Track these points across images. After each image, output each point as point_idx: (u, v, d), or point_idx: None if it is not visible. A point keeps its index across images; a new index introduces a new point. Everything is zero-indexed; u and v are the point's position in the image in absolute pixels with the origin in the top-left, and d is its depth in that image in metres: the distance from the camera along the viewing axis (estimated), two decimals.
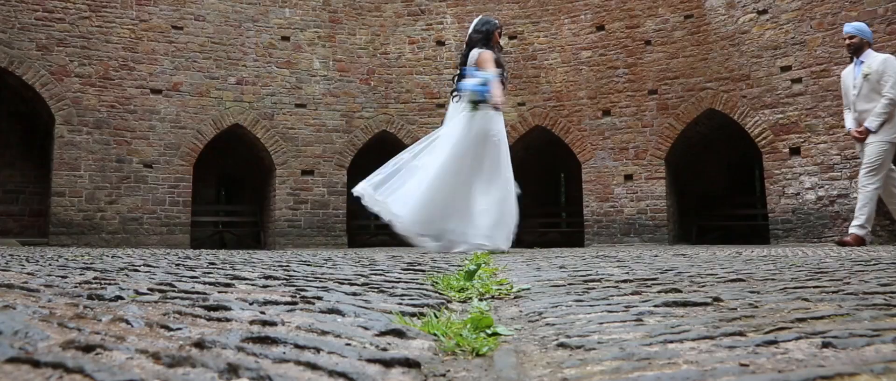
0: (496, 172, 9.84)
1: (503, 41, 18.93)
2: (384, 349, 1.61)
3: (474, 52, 10.18)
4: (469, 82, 9.85)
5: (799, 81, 15.21)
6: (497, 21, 10.66)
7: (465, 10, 19.55)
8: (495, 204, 9.73)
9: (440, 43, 19.64)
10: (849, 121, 11.59)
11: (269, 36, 18.97)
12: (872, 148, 11.02)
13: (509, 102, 18.92)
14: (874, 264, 4.17)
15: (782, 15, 15.54)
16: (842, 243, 10.97)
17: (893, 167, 11.25)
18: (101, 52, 17.32)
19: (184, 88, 18.04)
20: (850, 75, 11.46)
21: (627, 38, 18.15)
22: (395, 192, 9.83)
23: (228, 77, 18.45)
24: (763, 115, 15.83)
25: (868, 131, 10.90)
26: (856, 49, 11.38)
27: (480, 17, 10.87)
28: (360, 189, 10.02)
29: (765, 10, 15.86)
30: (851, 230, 11.18)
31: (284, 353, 1.48)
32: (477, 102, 9.79)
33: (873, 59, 11.12)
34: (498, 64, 10.22)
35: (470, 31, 10.57)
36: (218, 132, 18.33)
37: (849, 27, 11.57)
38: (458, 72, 10.45)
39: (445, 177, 9.69)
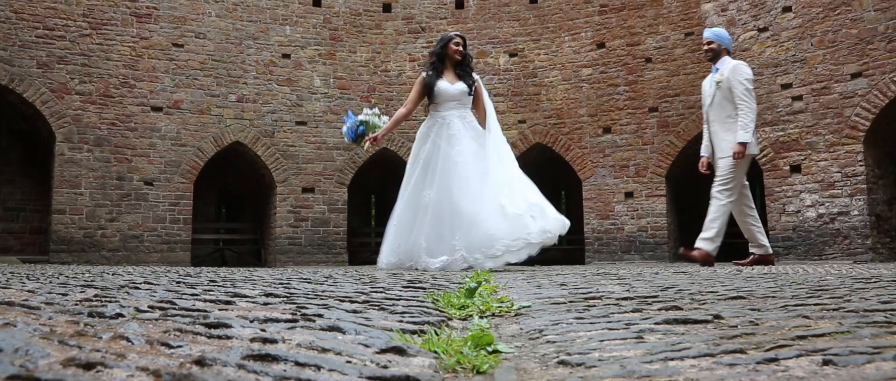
0: (410, 193, 9.79)
1: (503, 59, 18.99)
2: (385, 367, 1.61)
3: None
4: (344, 127, 10.10)
5: (800, 98, 15.22)
6: (450, 33, 10.51)
7: (466, 27, 19.59)
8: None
9: None
10: (705, 138, 11.22)
11: (269, 53, 19.01)
12: (725, 161, 10.63)
13: (509, 119, 18.96)
14: (875, 282, 4.17)
15: (783, 32, 15.57)
16: (687, 258, 10.63)
17: (746, 183, 10.93)
18: (101, 70, 17.35)
19: (184, 105, 18.07)
20: (707, 84, 11.03)
21: (628, 56, 18.19)
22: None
23: (229, 94, 18.48)
24: (764, 132, 15.84)
25: (744, 145, 10.38)
26: (714, 55, 10.91)
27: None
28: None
29: (765, 27, 15.89)
30: (698, 244, 10.71)
31: (285, 370, 1.48)
32: (355, 139, 10.06)
33: (726, 66, 10.70)
34: (458, 77, 10.15)
35: None
36: (218, 150, 18.36)
37: (707, 32, 11.17)
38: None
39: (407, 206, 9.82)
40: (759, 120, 15.72)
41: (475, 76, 10.23)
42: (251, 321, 2.15)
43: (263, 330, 1.97)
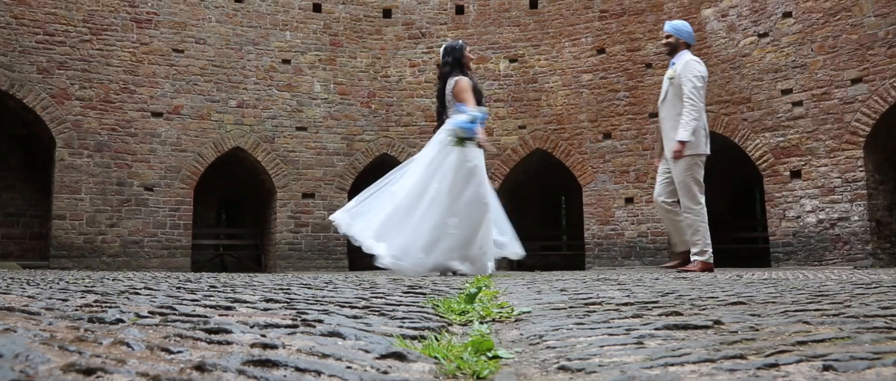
0: (474, 197, 9.72)
1: (503, 64, 18.95)
2: (385, 373, 1.61)
3: (450, 82, 10.07)
4: (459, 119, 9.74)
5: (800, 104, 15.22)
6: (461, 42, 10.50)
7: (466, 32, 19.59)
8: (471, 228, 9.65)
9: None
10: (658, 138, 10.93)
11: (269, 59, 19.00)
12: (678, 165, 10.21)
13: (509, 124, 18.99)
14: (875, 288, 4.17)
15: (783, 38, 15.58)
16: (686, 272, 9.76)
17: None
18: (101, 76, 17.35)
19: (184, 111, 18.06)
20: (665, 79, 10.69)
21: (628, 61, 18.18)
22: (373, 224, 9.78)
23: (229, 100, 18.48)
24: (764, 138, 15.85)
25: (683, 144, 10.07)
26: (671, 49, 10.65)
27: (444, 44, 10.71)
28: (339, 218, 9.94)
29: (765, 33, 15.90)
30: (694, 258, 10.27)
31: (285, 376, 1.48)
32: (463, 139, 9.71)
33: (680, 61, 10.40)
34: (474, 89, 10.18)
35: (440, 61, 10.49)
36: (219, 155, 18.36)
37: (667, 25, 10.85)
38: (439, 103, 10.36)
39: (430, 207, 9.64)
40: (760, 126, 15.74)
41: None
42: (251, 327, 2.15)
43: (264, 336, 1.97)
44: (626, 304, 3.25)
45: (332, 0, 19.81)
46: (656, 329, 2.25)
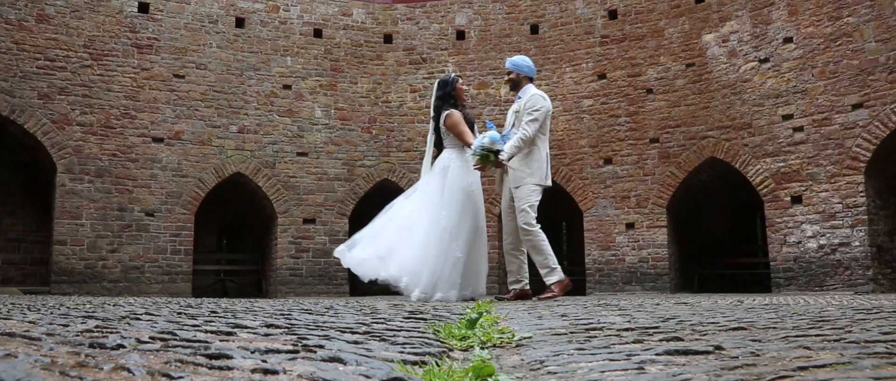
0: (475, 223, 9.90)
1: (504, 90, 18.96)
2: None
3: (442, 115, 10.16)
4: (489, 135, 9.77)
5: (801, 129, 15.24)
6: (453, 75, 10.59)
7: (467, 58, 19.63)
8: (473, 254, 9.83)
9: None
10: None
11: (270, 84, 19.03)
12: (519, 191, 9.94)
13: None
14: (876, 313, 4.16)
15: (784, 63, 15.60)
16: (547, 299, 9.56)
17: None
18: (102, 101, 17.37)
19: (185, 136, 18.08)
20: (509, 113, 10.48)
21: (629, 87, 18.19)
22: (388, 253, 9.86)
23: (230, 125, 18.50)
24: (765, 163, 15.85)
25: (499, 153, 9.66)
26: (514, 85, 10.42)
27: (438, 79, 10.79)
28: (344, 256, 10.02)
29: (766, 58, 15.92)
30: (549, 281, 9.94)
31: None
32: (488, 155, 9.71)
33: (526, 95, 10.11)
34: (467, 120, 10.23)
35: (433, 98, 10.53)
36: (219, 181, 18.37)
37: (508, 62, 10.62)
38: (435, 136, 10.42)
39: (441, 233, 9.71)
40: (760, 151, 15.76)
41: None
42: (252, 352, 2.15)
43: (264, 361, 1.96)
44: (627, 329, 3.25)
45: (333, 25, 19.87)
46: (657, 355, 2.24)
